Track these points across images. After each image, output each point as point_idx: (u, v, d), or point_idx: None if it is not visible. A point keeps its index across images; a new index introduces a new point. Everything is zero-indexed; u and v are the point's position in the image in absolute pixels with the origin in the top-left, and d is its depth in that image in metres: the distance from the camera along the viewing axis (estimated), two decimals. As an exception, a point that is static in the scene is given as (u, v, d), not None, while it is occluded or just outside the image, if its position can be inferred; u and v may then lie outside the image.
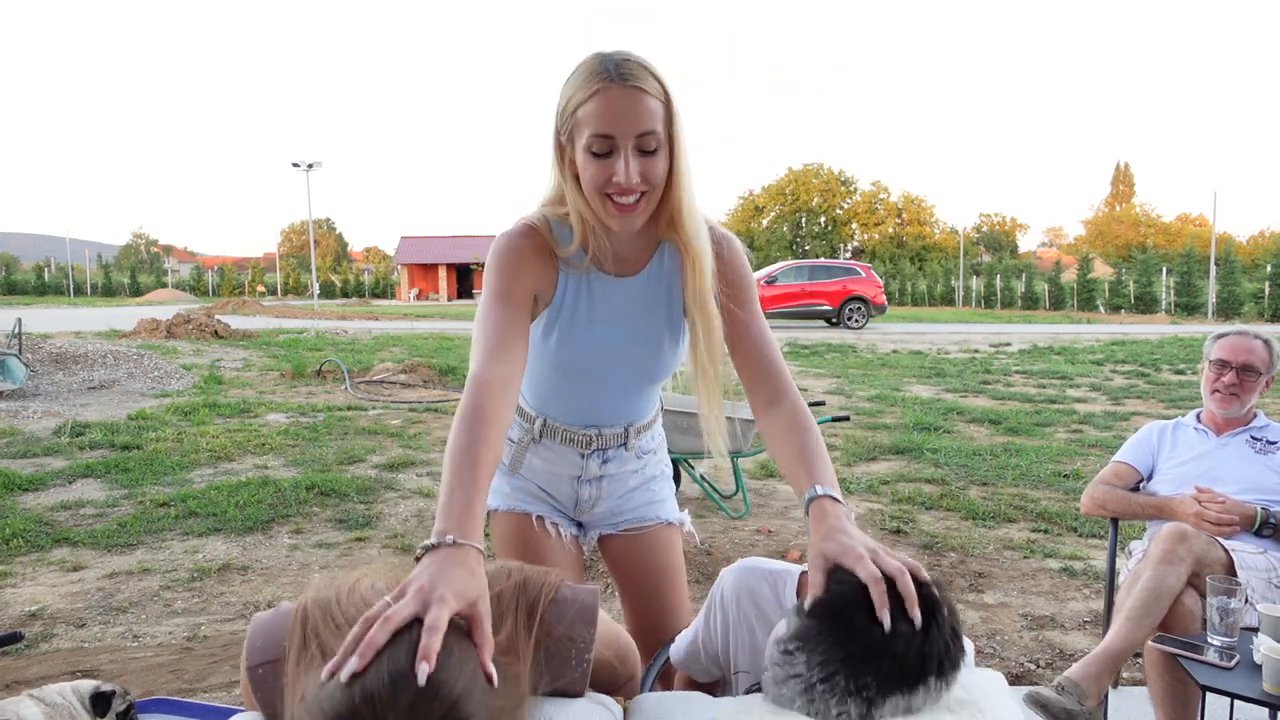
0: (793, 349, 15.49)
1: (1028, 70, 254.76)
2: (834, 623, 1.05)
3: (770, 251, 59.83)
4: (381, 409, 8.61)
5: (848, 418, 5.67)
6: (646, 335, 1.57)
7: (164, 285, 57.67)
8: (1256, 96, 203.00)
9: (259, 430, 7.23)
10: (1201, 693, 1.88)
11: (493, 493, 1.74)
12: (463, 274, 54.20)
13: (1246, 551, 2.31)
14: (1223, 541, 2.31)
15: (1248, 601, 2.13)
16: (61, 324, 21.00)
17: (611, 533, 1.77)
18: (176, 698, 1.70)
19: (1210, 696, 1.86)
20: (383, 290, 60.63)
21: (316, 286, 41.51)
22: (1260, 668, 1.83)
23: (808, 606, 1.08)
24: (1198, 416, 2.73)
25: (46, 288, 55.18)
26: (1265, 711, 1.89)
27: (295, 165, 38.07)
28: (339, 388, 10.07)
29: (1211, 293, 32.48)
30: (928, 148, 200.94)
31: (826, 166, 65.76)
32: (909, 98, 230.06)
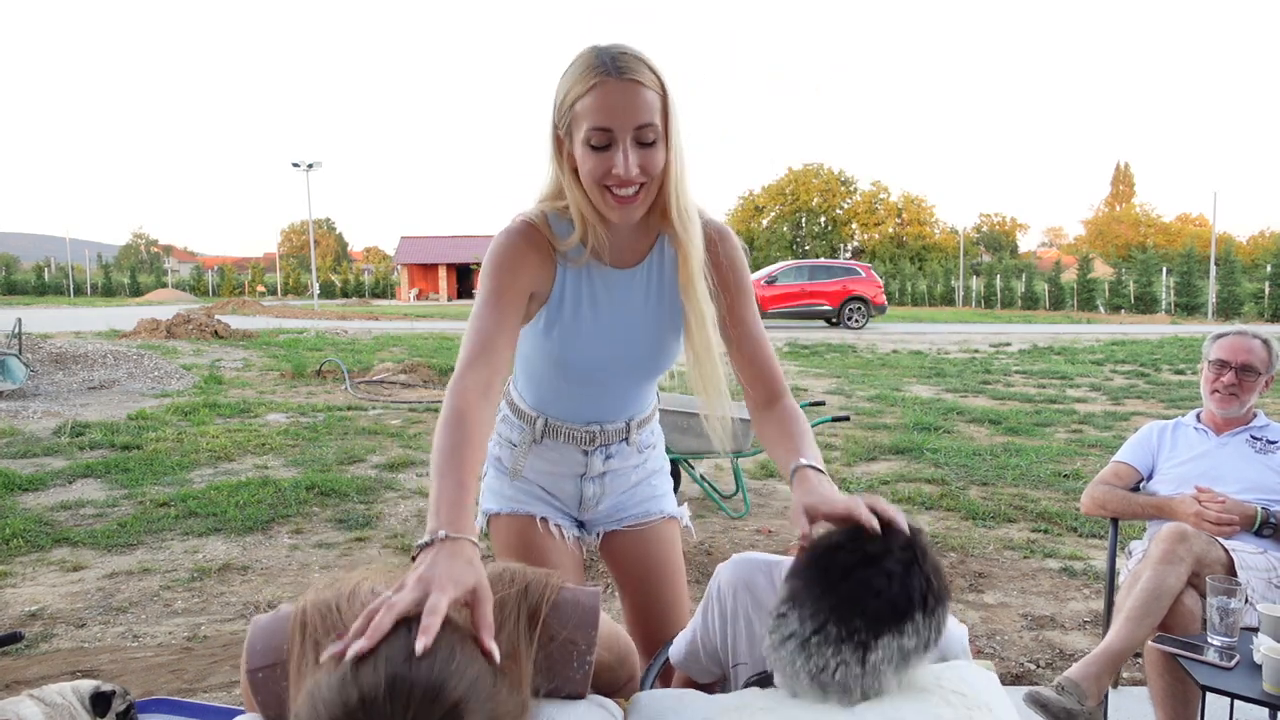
0: (793, 349, 15.48)
1: (1028, 70, 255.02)
2: (818, 573, 1.09)
3: (770, 251, 59.79)
4: (381, 409, 8.61)
5: (848, 418, 5.68)
6: (647, 327, 1.57)
7: (164, 285, 57.65)
8: (1256, 96, 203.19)
9: (259, 430, 7.23)
10: (1201, 693, 1.89)
11: (494, 497, 1.73)
12: (463, 274, 54.19)
13: (1246, 551, 2.31)
14: (1223, 541, 2.30)
15: (1248, 601, 2.13)
16: (61, 324, 21.00)
17: (616, 529, 1.77)
18: (176, 698, 1.70)
19: (1210, 696, 1.86)
20: (383, 290, 60.62)
21: (316, 286, 41.51)
22: (1260, 668, 1.83)
23: (791, 569, 1.12)
24: (1198, 416, 2.73)
25: (46, 288, 55.17)
26: (1265, 711, 1.90)
27: (295, 165, 38.06)
28: (339, 388, 10.07)
29: (1211, 293, 32.48)
30: (928, 148, 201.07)
31: (826, 166, 65.75)
32: (909, 98, 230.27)
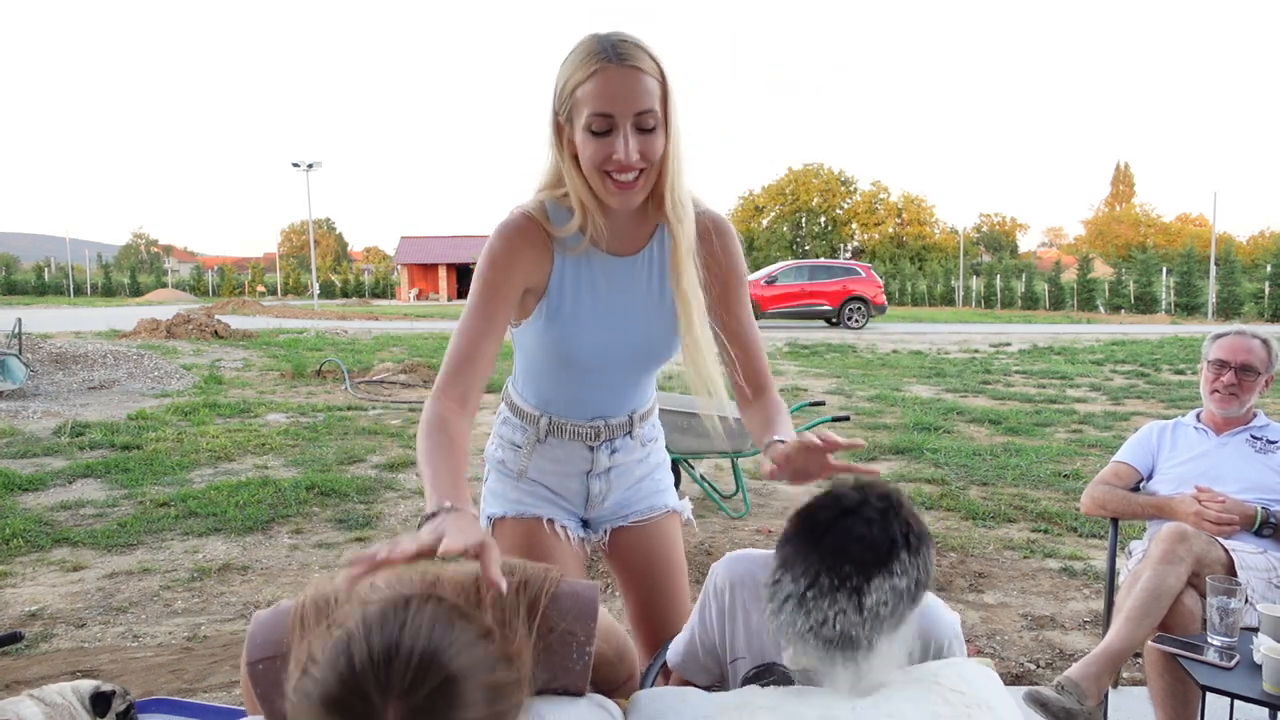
0: (793, 349, 15.48)
1: (1028, 70, 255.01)
2: (803, 534, 1.16)
3: (770, 251, 59.79)
4: (381, 409, 8.61)
5: (848, 418, 5.68)
6: (648, 315, 1.58)
7: (164, 285, 57.61)
8: (1256, 96, 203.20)
9: (259, 430, 7.23)
10: (1201, 693, 1.89)
11: (498, 500, 1.73)
12: (463, 274, 54.16)
13: (1246, 551, 2.31)
14: (1223, 541, 2.30)
15: (1248, 601, 2.13)
16: (61, 324, 21.00)
17: (622, 525, 1.77)
18: (176, 698, 1.70)
19: (1210, 696, 1.86)
20: (383, 290, 60.61)
21: (316, 286, 41.50)
22: (1260, 668, 1.83)
23: (779, 540, 1.19)
24: (1197, 416, 2.73)
25: (46, 288, 55.14)
26: (1265, 711, 1.90)
27: (295, 165, 38.04)
28: (339, 388, 10.07)
29: (1211, 293, 32.47)
30: (928, 148, 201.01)
31: (826, 166, 65.73)
32: (909, 98, 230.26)
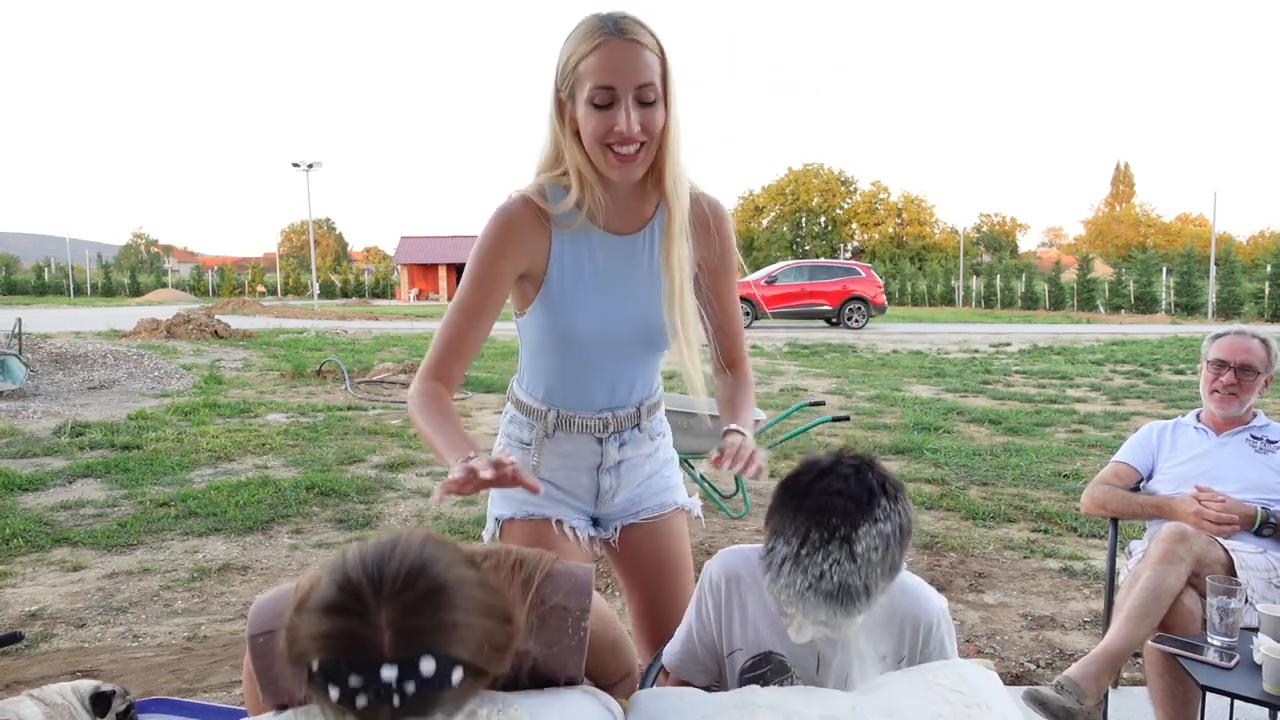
0: (793, 349, 15.48)
1: (1028, 70, 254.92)
2: (786, 500, 1.23)
3: (770, 251, 59.78)
4: (381, 409, 8.61)
5: (848, 418, 5.67)
6: (650, 294, 1.59)
7: (164, 285, 57.58)
8: (1256, 96, 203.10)
9: (259, 430, 7.23)
10: (1201, 693, 1.89)
11: (506, 502, 1.72)
12: (462, 274, 54.11)
13: (1246, 551, 2.31)
14: (1223, 541, 2.30)
15: (1248, 601, 2.13)
16: (61, 324, 21.00)
17: (633, 522, 1.76)
18: (176, 698, 1.70)
19: (1210, 696, 1.86)
20: (383, 290, 60.58)
21: (316, 286, 41.49)
22: (1260, 668, 1.83)
23: (766, 515, 1.27)
24: (1197, 416, 2.73)
25: (46, 288, 55.11)
26: (1265, 711, 1.90)
27: (295, 165, 38.03)
28: (339, 388, 10.07)
29: (1211, 293, 32.47)
30: (928, 148, 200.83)
31: (826, 166, 65.74)
32: (909, 98, 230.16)
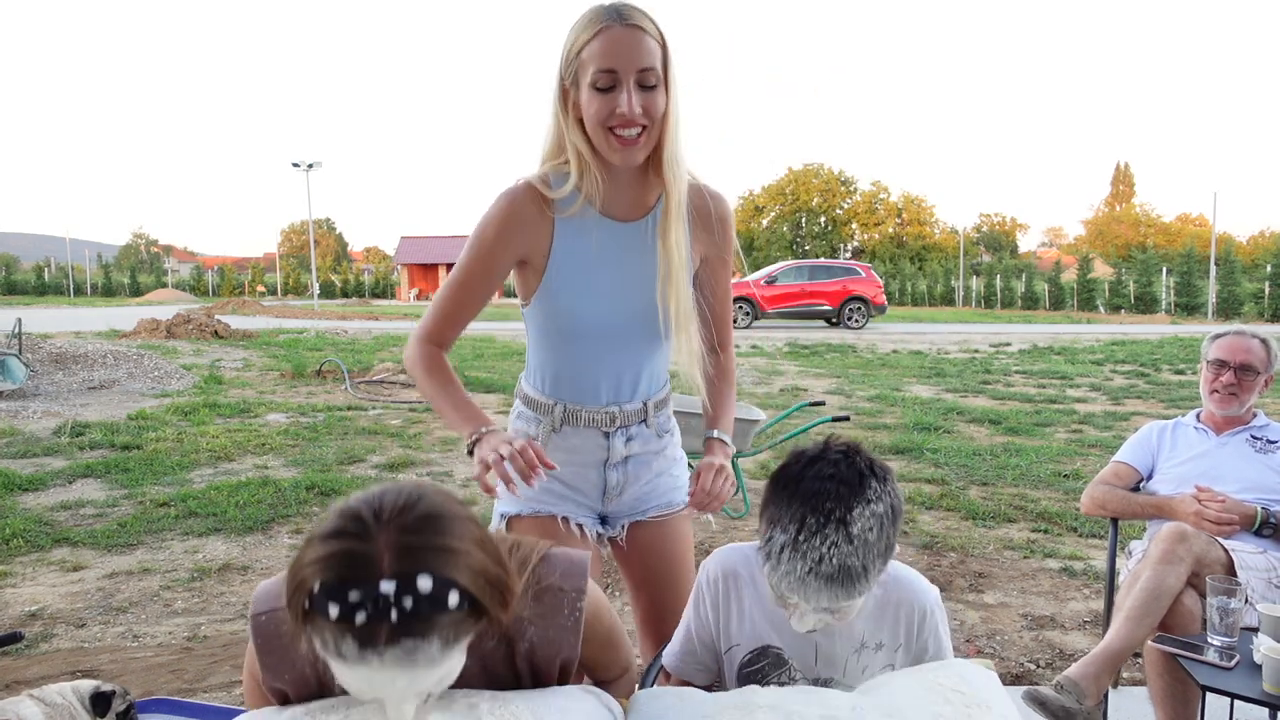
0: (793, 349, 15.48)
1: (1028, 70, 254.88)
2: (779, 488, 1.26)
3: (770, 251, 59.76)
4: (381, 409, 8.62)
5: (848, 418, 5.67)
6: (648, 280, 1.60)
7: (164, 285, 57.57)
8: (1256, 96, 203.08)
9: (259, 430, 7.23)
10: (1201, 693, 1.88)
11: (513, 499, 1.71)
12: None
13: (1246, 551, 2.31)
14: (1222, 541, 2.30)
15: (1248, 601, 2.13)
16: (61, 324, 21.00)
17: (641, 520, 1.75)
18: (176, 698, 1.70)
19: (1210, 696, 1.86)
20: (383, 290, 60.54)
21: (316, 286, 41.48)
22: (1260, 668, 1.83)
23: (760, 507, 1.30)
24: (1197, 416, 2.72)
25: (46, 288, 55.09)
26: (1265, 711, 1.90)
27: (295, 165, 38.01)
28: (339, 388, 10.07)
29: (1211, 293, 32.46)
30: (928, 148, 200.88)
31: (826, 166, 65.71)
32: (909, 98, 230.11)
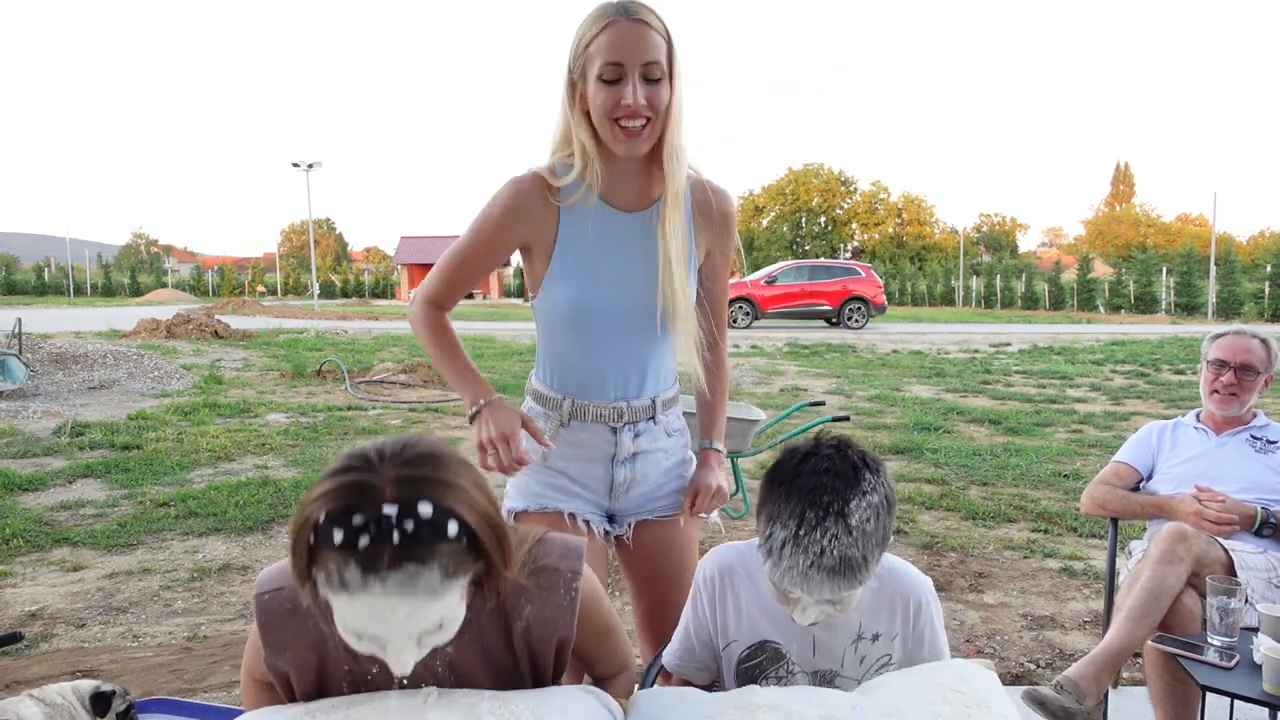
0: (793, 349, 15.48)
1: (1027, 70, 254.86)
2: (776, 485, 1.28)
3: (770, 251, 59.76)
4: (381, 409, 8.61)
5: (848, 418, 5.67)
6: (649, 268, 1.62)
7: (164, 285, 57.57)
8: (1256, 96, 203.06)
9: (259, 430, 7.23)
10: (1201, 693, 1.88)
11: (520, 494, 1.72)
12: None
13: (1246, 551, 2.31)
14: (1222, 541, 2.30)
15: (1248, 601, 2.13)
16: (61, 324, 20.99)
17: (648, 519, 1.76)
18: (176, 698, 1.70)
19: (1210, 696, 1.86)
20: (383, 290, 60.53)
21: (316, 286, 41.48)
22: (1260, 668, 1.83)
23: (756, 506, 1.32)
24: (1197, 416, 2.72)
25: (46, 288, 55.06)
26: (1265, 711, 1.90)
27: (295, 165, 38.01)
28: (339, 388, 10.06)
29: (1211, 293, 32.46)
30: (928, 148, 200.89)
31: (826, 166, 65.74)
32: (909, 98, 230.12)
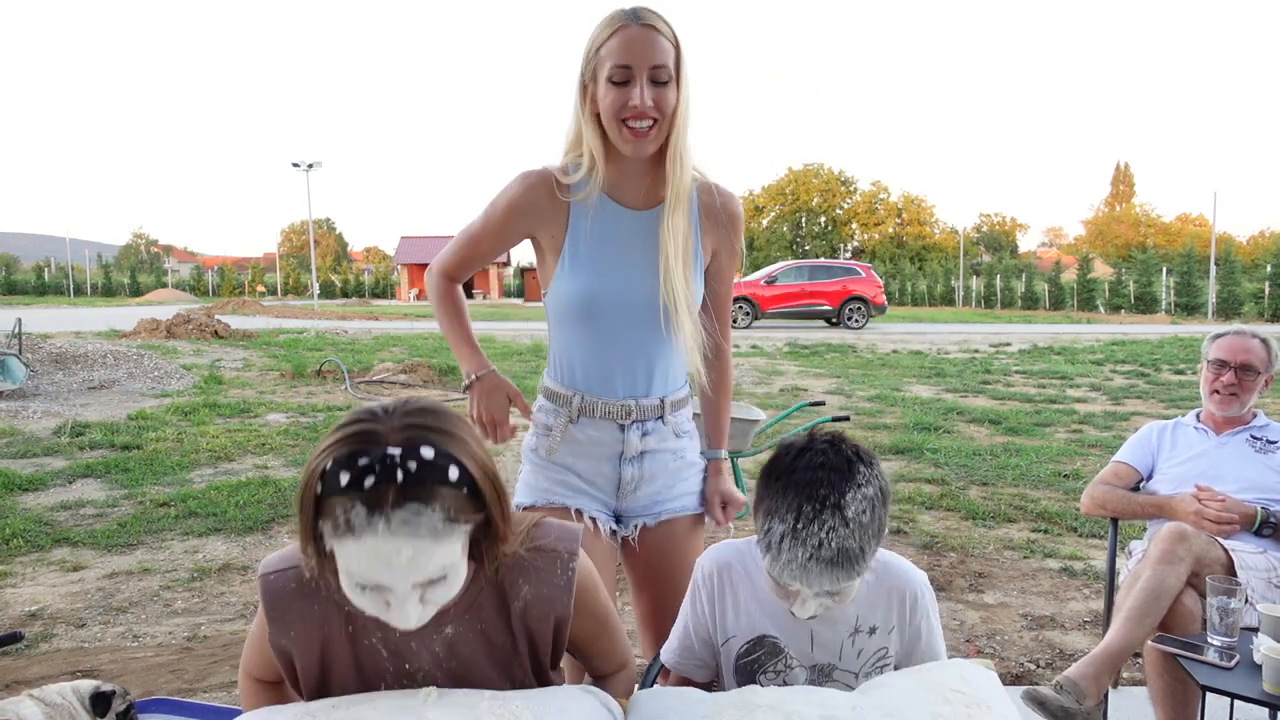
0: (793, 349, 15.48)
1: (1027, 70, 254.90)
2: (773, 483, 1.31)
3: (770, 251, 59.78)
4: (381, 409, 8.60)
5: (848, 418, 5.67)
6: (653, 266, 1.65)
7: (164, 285, 57.56)
8: (1256, 96, 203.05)
9: (259, 430, 7.23)
10: (1201, 693, 1.88)
11: (529, 490, 1.73)
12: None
13: (1246, 551, 2.31)
14: (1222, 541, 2.30)
15: (1248, 601, 2.13)
16: (61, 324, 20.99)
17: (654, 522, 1.76)
18: (176, 698, 1.70)
19: (1210, 696, 1.86)
20: (383, 290, 60.51)
21: (316, 286, 41.47)
22: (1260, 668, 1.83)
23: (754, 503, 1.35)
24: (1197, 416, 2.72)
25: (46, 288, 55.07)
26: (1265, 711, 1.90)
27: (295, 165, 38.00)
28: (339, 388, 10.06)
29: (1211, 293, 32.45)
30: (928, 148, 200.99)
31: (826, 166, 65.75)
32: (909, 98, 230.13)
